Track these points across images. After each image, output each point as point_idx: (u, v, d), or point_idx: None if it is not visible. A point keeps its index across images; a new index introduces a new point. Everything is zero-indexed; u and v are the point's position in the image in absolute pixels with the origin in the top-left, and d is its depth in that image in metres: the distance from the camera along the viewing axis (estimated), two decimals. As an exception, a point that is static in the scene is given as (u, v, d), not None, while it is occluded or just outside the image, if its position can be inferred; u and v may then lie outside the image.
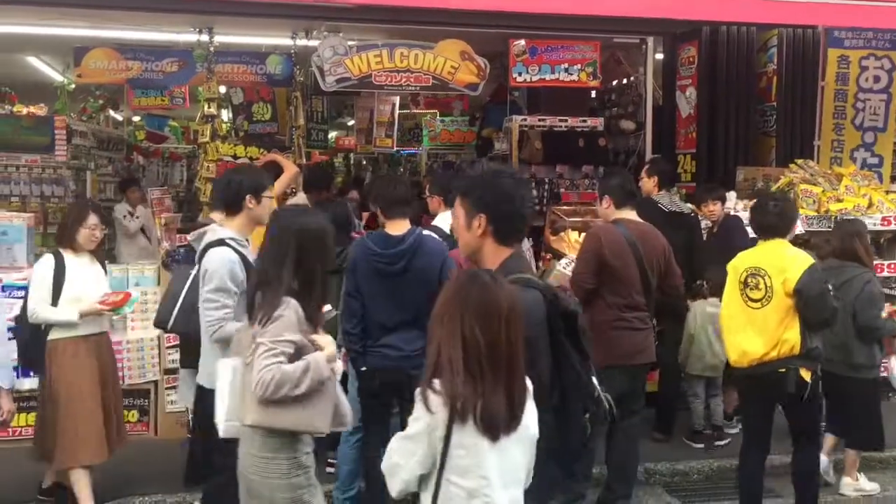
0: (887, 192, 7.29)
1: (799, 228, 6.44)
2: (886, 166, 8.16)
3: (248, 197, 3.75)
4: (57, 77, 10.09)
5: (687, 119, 8.25)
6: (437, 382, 2.15)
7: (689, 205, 6.40)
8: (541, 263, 6.75)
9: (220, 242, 3.65)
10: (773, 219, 4.45)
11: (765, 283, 4.33)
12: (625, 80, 8.99)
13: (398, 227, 4.31)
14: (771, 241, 4.45)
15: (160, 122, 11.08)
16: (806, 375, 4.28)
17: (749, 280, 4.41)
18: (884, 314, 5.12)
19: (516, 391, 2.17)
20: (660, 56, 8.73)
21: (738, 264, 4.52)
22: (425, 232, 4.44)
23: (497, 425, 2.13)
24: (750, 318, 4.38)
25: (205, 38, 7.39)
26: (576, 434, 2.45)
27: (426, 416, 2.14)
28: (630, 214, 4.83)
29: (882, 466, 5.75)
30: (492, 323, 2.15)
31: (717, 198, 6.31)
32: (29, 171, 7.64)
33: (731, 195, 6.91)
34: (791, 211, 4.60)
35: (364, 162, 14.76)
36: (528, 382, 2.23)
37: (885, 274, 6.67)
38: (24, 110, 8.14)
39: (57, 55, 9.07)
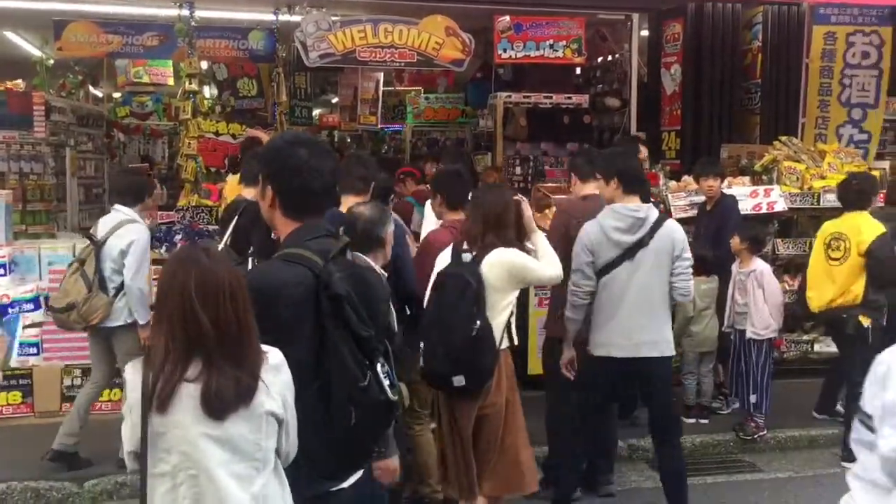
0: (871, 170, 7.31)
1: (780, 205, 6.51)
2: (874, 143, 8.19)
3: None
4: (35, 52, 9.93)
5: (672, 96, 8.24)
6: (138, 362, 2.12)
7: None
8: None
9: None
10: (854, 195, 5.37)
11: (844, 246, 5.30)
12: (610, 58, 8.96)
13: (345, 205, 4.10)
14: (852, 212, 5.33)
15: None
16: (864, 321, 5.17)
17: (832, 243, 5.39)
18: None
19: (246, 368, 2.10)
20: (645, 33, 8.71)
21: (825, 230, 5.49)
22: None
23: (222, 403, 2.07)
24: (828, 273, 5.37)
25: (185, 12, 7.29)
26: (338, 421, 2.29)
27: (129, 394, 2.13)
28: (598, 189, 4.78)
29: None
30: (216, 301, 2.08)
31: (716, 174, 6.24)
32: (7, 148, 7.52)
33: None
34: (870, 187, 5.47)
35: (349, 139, 14.67)
36: (276, 357, 2.17)
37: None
38: (2, 86, 7.98)
39: (35, 30, 8.92)
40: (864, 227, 5.26)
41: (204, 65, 8.38)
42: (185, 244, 5.76)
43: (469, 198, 4.19)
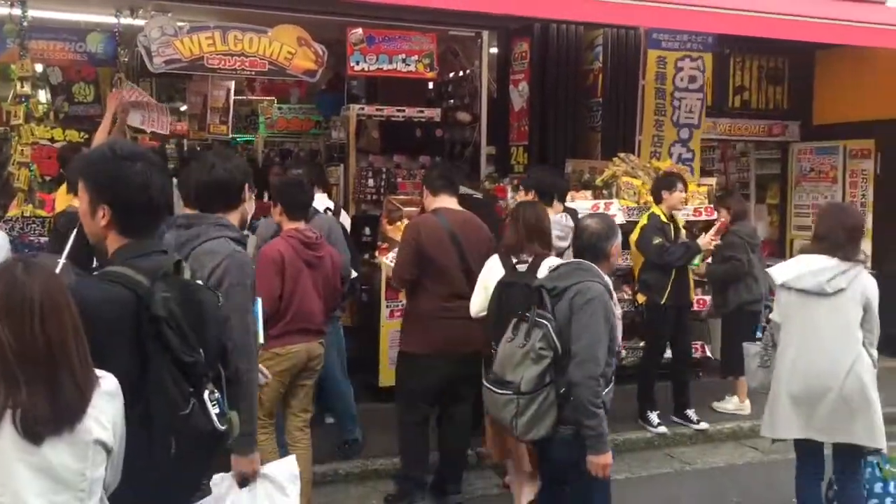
0: (699, 185, 7.84)
1: (619, 218, 6.85)
2: (697, 160, 8.80)
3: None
4: None
5: (519, 112, 8.52)
6: None
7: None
8: (377, 254, 6.78)
9: None
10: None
11: None
12: (461, 73, 9.15)
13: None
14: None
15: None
16: (640, 298, 6.36)
17: None
18: None
19: (64, 391, 1.95)
20: (494, 50, 8.96)
21: None
22: None
23: (37, 429, 1.92)
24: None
25: (17, 11, 6.85)
26: (159, 450, 2.17)
27: None
28: (449, 202, 4.90)
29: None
30: (22, 319, 1.93)
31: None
32: None
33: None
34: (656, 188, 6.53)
35: (199, 148, 14.20)
36: (110, 383, 2.06)
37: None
38: None
39: None
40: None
41: (39, 68, 7.91)
42: (15, 257, 5.42)
43: (307, 209, 4.55)
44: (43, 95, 8.52)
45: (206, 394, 2.25)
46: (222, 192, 3.10)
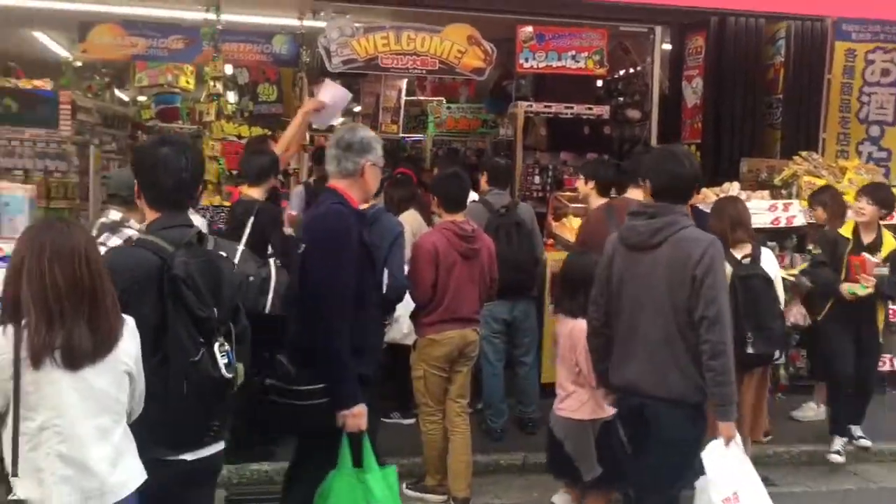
0: (894, 187, 7.25)
1: (800, 220, 6.48)
2: (895, 160, 8.14)
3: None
4: (62, 53, 10.08)
5: (693, 109, 8.23)
6: (5, 327, 2.30)
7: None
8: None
9: None
10: None
11: None
12: (631, 70, 8.97)
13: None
14: None
15: (170, 98, 11.03)
16: None
17: None
18: None
19: (102, 324, 2.33)
20: (667, 46, 8.71)
21: None
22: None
23: (78, 356, 2.29)
24: None
25: (212, 16, 7.38)
26: (172, 392, 2.54)
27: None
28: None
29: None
30: (71, 262, 2.30)
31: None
32: (33, 146, 7.62)
33: (735, 186, 6.88)
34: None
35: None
36: (131, 322, 2.43)
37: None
38: (30, 85, 8.10)
39: (62, 31, 9.07)
40: None
41: (228, 69, 8.47)
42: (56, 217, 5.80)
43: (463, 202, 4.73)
44: (231, 96, 9.12)
45: (216, 345, 2.61)
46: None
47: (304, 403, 3.24)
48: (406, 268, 4.53)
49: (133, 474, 2.42)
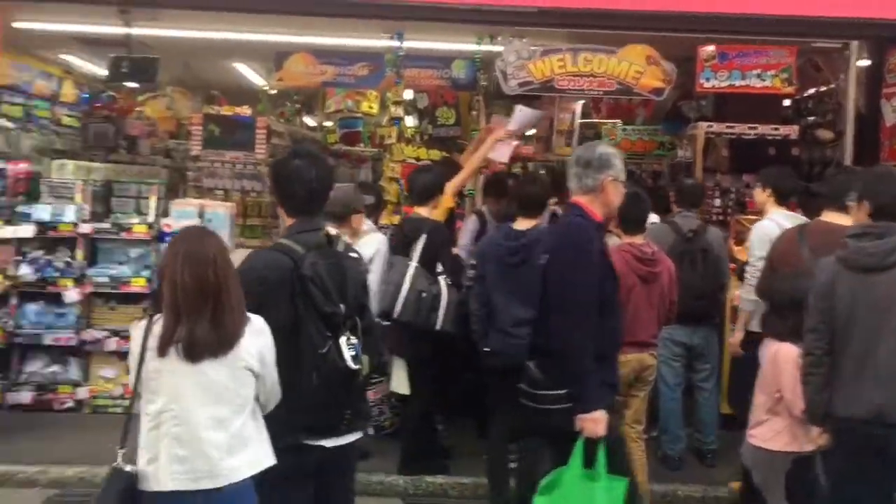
0: None
1: None
2: None
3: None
4: (259, 81, 10.85)
5: (892, 129, 7.64)
6: (141, 321, 2.68)
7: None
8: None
9: None
10: None
11: None
12: (823, 88, 8.47)
13: (524, 224, 4.67)
14: None
15: (353, 122, 11.57)
16: None
17: None
18: None
19: (226, 322, 2.59)
20: (864, 62, 8.16)
21: None
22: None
23: (199, 350, 2.55)
24: None
25: (396, 42, 7.71)
26: (304, 381, 2.77)
27: (132, 346, 2.66)
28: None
29: None
30: (201, 266, 2.59)
31: None
32: (232, 167, 8.24)
33: None
34: None
35: (542, 171, 14.70)
36: (259, 323, 2.69)
37: None
38: (231, 111, 8.78)
39: (259, 61, 9.76)
40: None
41: (409, 94, 8.79)
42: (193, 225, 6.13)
43: (642, 223, 4.75)
44: (410, 119, 9.47)
45: (342, 339, 2.86)
46: None
47: (549, 408, 3.40)
48: None
49: (252, 460, 2.64)
